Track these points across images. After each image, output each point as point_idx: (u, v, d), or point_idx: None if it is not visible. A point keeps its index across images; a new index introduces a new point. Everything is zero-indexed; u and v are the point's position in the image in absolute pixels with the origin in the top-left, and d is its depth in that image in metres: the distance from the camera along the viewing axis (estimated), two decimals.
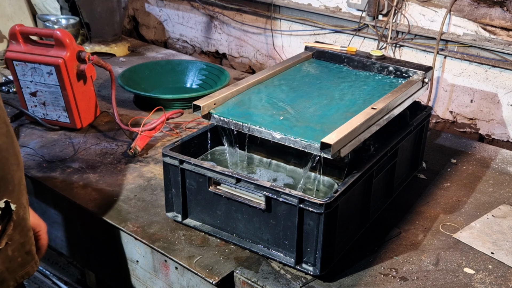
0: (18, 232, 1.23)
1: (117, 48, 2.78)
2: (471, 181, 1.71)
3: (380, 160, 1.40)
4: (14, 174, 1.20)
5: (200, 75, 2.34)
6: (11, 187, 1.20)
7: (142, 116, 2.04)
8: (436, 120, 2.29)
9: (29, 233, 1.29)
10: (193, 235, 1.43)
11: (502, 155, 1.87)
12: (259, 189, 1.26)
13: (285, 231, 1.27)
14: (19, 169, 1.23)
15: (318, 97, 1.50)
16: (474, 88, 2.15)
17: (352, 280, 1.29)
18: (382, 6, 2.23)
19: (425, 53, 2.22)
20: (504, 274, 1.32)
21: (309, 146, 1.25)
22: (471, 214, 1.54)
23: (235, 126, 1.36)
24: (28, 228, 1.28)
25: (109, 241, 1.55)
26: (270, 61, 2.75)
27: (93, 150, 1.83)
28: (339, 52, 1.74)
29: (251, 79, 1.56)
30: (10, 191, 1.19)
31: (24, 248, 1.26)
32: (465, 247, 1.41)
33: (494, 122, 2.15)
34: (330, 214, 1.21)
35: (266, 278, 1.28)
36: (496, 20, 2.02)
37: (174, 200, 1.44)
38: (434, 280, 1.29)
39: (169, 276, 1.41)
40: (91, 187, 1.63)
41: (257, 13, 2.68)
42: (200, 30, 3.00)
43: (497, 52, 2.02)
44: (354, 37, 2.38)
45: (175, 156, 1.37)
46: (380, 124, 1.40)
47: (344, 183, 1.26)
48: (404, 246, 1.41)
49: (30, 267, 1.28)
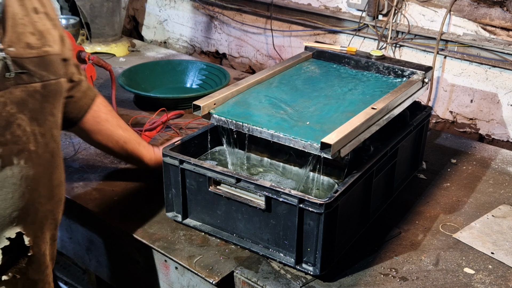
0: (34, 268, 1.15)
1: (117, 48, 2.78)
2: (471, 181, 1.71)
3: (380, 160, 1.40)
4: (39, 206, 1.15)
5: (200, 75, 2.34)
6: (31, 219, 1.13)
7: (143, 116, 2.04)
8: (436, 120, 2.29)
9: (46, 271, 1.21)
10: (193, 235, 1.43)
11: (502, 155, 1.88)
12: (259, 189, 1.26)
13: (285, 231, 1.28)
14: (49, 202, 1.18)
15: (318, 97, 1.50)
16: (474, 88, 2.15)
17: (352, 280, 1.29)
18: (382, 6, 2.23)
19: (425, 53, 2.22)
20: (504, 274, 1.32)
21: (309, 146, 1.25)
22: (471, 214, 1.54)
23: (235, 126, 1.36)
24: (46, 266, 1.20)
25: (109, 241, 1.55)
26: (270, 61, 2.75)
27: (93, 150, 1.83)
28: (339, 52, 1.74)
29: (251, 79, 1.56)
30: (28, 222, 1.13)
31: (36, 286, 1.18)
32: (465, 247, 1.41)
33: (494, 122, 2.15)
34: (330, 214, 1.21)
35: (266, 278, 1.28)
36: (496, 20, 2.02)
37: (174, 200, 1.44)
38: (434, 280, 1.29)
39: (169, 276, 1.41)
40: (91, 187, 1.63)
41: (257, 13, 2.68)
42: (200, 30, 3.00)
43: (497, 52, 2.02)
44: (354, 37, 2.38)
45: (175, 156, 1.37)
46: (380, 124, 1.40)
47: (344, 183, 1.26)
48: (404, 246, 1.41)
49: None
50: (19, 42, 1.09)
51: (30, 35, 1.12)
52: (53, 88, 1.17)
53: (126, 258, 1.52)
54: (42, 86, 1.13)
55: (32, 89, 1.11)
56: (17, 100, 1.08)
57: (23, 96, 1.09)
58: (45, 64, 1.14)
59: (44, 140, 1.14)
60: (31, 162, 1.11)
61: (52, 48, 1.17)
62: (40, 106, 1.14)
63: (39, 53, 1.13)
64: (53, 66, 1.16)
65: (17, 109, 1.08)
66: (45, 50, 1.15)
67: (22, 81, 1.09)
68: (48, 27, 1.18)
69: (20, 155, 1.09)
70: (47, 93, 1.15)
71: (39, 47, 1.13)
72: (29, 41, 1.11)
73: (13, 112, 1.07)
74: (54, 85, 1.17)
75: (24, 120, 1.10)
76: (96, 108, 1.48)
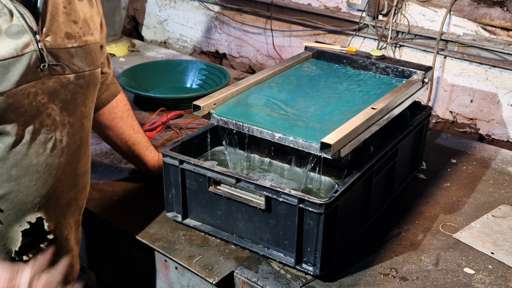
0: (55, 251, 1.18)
1: (117, 48, 2.78)
2: (471, 181, 1.71)
3: (380, 160, 1.40)
4: (62, 194, 1.18)
5: (200, 75, 2.34)
6: (53, 206, 1.17)
7: (143, 116, 2.04)
8: (436, 120, 2.29)
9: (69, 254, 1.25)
10: (193, 235, 1.43)
11: (502, 155, 1.87)
12: (259, 189, 1.26)
13: (285, 231, 1.28)
14: (73, 190, 1.21)
15: (318, 97, 1.50)
16: (474, 88, 2.15)
17: (352, 280, 1.29)
18: (382, 6, 2.23)
19: (425, 53, 2.22)
20: (504, 274, 1.32)
21: (309, 146, 1.25)
22: (471, 214, 1.54)
23: (235, 126, 1.36)
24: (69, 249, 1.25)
25: (109, 241, 1.55)
26: (270, 61, 2.75)
27: (93, 150, 1.83)
28: (339, 52, 1.74)
29: (251, 79, 1.56)
30: (49, 209, 1.16)
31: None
32: (465, 247, 1.41)
33: (494, 122, 2.15)
34: (330, 214, 1.21)
35: (266, 278, 1.28)
36: (496, 20, 2.03)
37: (174, 200, 1.44)
38: (434, 280, 1.29)
39: (169, 276, 1.41)
40: (91, 187, 1.62)
41: (257, 13, 2.68)
42: (200, 30, 3.00)
43: (497, 52, 2.02)
44: (354, 37, 2.38)
45: (175, 156, 1.37)
46: (380, 124, 1.40)
47: (344, 183, 1.26)
48: (404, 246, 1.41)
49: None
50: (58, 32, 1.09)
51: (73, 24, 1.13)
52: (87, 79, 1.18)
53: (126, 258, 1.52)
54: (76, 77, 1.14)
55: (66, 80, 1.12)
56: (49, 90, 1.09)
57: (55, 86, 1.10)
58: (83, 54, 1.15)
59: (72, 130, 1.16)
60: (57, 151, 1.13)
61: (92, 36, 1.18)
62: (72, 97, 1.15)
63: (79, 43, 1.14)
64: (90, 56, 1.18)
65: (48, 99, 1.09)
66: (85, 40, 1.16)
67: (56, 72, 1.10)
68: (93, 14, 1.19)
69: (46, 144, 1.11)
70: (81, 84, 1.16)
71: (79, 36, 1.14)
72: (70, 31, 1.12)
73: (44, 102, 1.09)
74: (88, 76, 1.18)
75: (54, 110, 1.11)
76: (114, 104, 1.49)
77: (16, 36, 1.02)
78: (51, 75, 1.09)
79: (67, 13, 1.12)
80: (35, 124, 1.08)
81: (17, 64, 1.02)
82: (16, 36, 1.02)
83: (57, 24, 1.09)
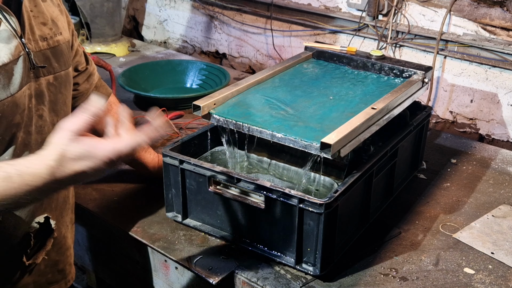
0: (55, 250, 1.24)
1: (117, 48, 2.78)
2: (471, 181, 1.71)
3: (380, 160, 1.40)
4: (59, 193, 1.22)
5: (200, 75, 2.34)
6: (54, 205, 1.22)
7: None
8: (436, 120, 2.29)
9: (67, 252, 1.30)
10: (193, 235, 1.43)
11: (502, 155, 1.87)
12: (259, 189, 1.26)
13: (285, 231, 1.27)
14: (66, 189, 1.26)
15: (318, 97, 1.50)
16: (474, 88, 2.15)
17: (352, 280, 1.29)
18: (382, 6, 2.23)
19: (425, 53, 2.22)
20: (504, 274, 1.32)
21: (309, 146, 1.25)
22: (471, 214, 1.54)
23: (235, 126, 1.36)
24: (67, 247, 1.29)
25: (109, 241, 1.55)
26: (270, 61, 2.75)
27: None
28: (339, 52, 1.74)
29: (251, 79, 1.56)
30: (52, 208, 1.21)
31: (57, 266, 1.26)
32: (465, 247, 1.41)
33: (494, 122, 2.15)
34: (330, 214, 1.21)
35: (266, 278, 1.28)
36: (496, 20, 2.02)
37: (174, 200, 1.44)
38: (434, 280, 1.29)
39: (169, 276, 1.41)
40: (91, 187, 1.63)
41: (257, 13, 2.68)
42: (200, 30, 3.00)
43: (497, 52, 2.02)
44: (354, 37, 2.38)
45: (175, 156, 1.37)
46: (380, 124, 1.40)
47: (344, 183, 1.26)
48: (404, 246, 1.41)
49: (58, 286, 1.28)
50: (34, 35, 1.12)
51: (42, 26, 1.14)
52: (64, 79, 1.20)
53: (126, 258, 1.52)
54: (54, 78, 1.17)
55: (46, 81, 1.15)
56: (38, 92, 1.12)
57: (41, 88, 1.13)
58: (57, 55, 1.17)
59: None
60: None
61: (62, 36, 1.19)
62: (55, 97, 1.18)
63: (52, 43, 1.16)
64: (63, 56, 1.20)
65: (38, 101, 1.13)
66: (57, 40, 1.18)
67: (40, 74, 1.13)
68: (57, 13, 1.20)
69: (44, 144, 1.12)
70: (59, 84, 1.19)
71: (51, 37, 1.16)
72: (41, 33, 1.14)
73: (35, 104, 1.12)
74: (64, 76, 1.20)
75: (44, 111, 1.15)
76: (109, 107, 1.49)
77: (8, 40, 1.04)
78: (37, 77, 1.12)
79: (35, 16, 1.13)
80: (32, 125, 1.11)
81: (16, 67, 1.05)
82: (7, 41, 1.04)
83: (30, 27, 1.11)
